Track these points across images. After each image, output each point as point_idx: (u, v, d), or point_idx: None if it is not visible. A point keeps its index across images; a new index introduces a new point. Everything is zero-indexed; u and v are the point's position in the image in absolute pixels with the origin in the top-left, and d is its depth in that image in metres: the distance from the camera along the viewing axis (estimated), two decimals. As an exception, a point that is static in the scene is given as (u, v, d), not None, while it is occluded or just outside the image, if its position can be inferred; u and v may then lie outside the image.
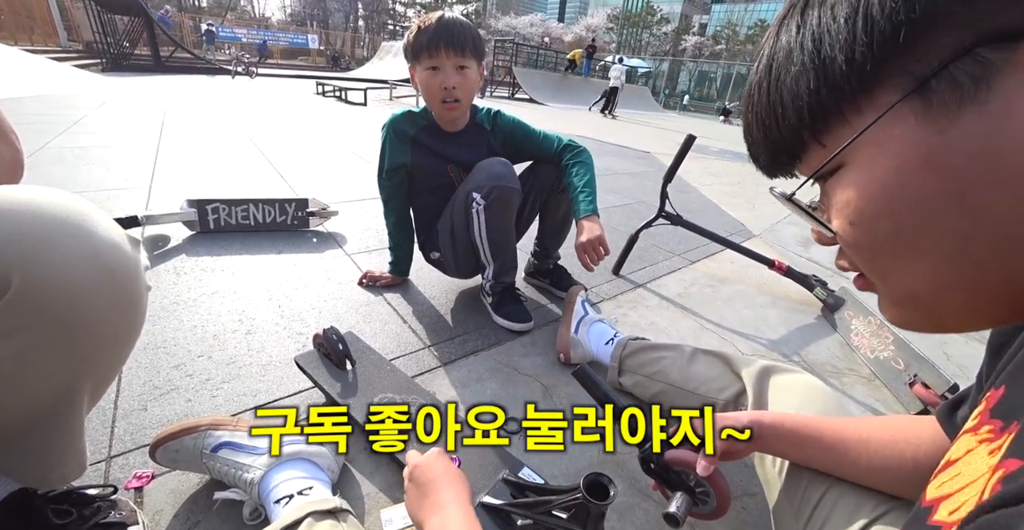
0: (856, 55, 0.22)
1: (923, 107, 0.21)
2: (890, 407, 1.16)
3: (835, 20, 0.23)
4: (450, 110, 1.13)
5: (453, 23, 1.06)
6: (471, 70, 1.10)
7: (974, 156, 0.21)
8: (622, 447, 0.89)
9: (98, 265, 0.45)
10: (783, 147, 0.28)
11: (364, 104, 7.61)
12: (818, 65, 0.24)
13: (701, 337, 1.37)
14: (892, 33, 0.21)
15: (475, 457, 0.77)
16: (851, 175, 0.25)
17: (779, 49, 0.26)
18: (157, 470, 0.73)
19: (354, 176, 2.79)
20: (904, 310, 0.28)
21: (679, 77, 36.60)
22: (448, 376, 1.06)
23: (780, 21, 0.27)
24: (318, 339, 0.95)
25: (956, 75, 0.20)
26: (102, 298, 0.46)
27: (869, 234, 0.26)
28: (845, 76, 0.23)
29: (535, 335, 1.26)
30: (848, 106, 0.24)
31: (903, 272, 0.26)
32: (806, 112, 0.25)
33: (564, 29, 58.02)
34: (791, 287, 1.72)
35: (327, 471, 0.71)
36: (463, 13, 20.72)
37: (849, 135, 0.24)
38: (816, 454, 0.56)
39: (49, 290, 0.42)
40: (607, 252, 1.15)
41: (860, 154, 0.24)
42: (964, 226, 0.22)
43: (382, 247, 1.71)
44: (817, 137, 0.26)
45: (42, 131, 3.18)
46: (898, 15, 0.21)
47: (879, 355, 1.31)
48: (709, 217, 2.76)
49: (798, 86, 0.25)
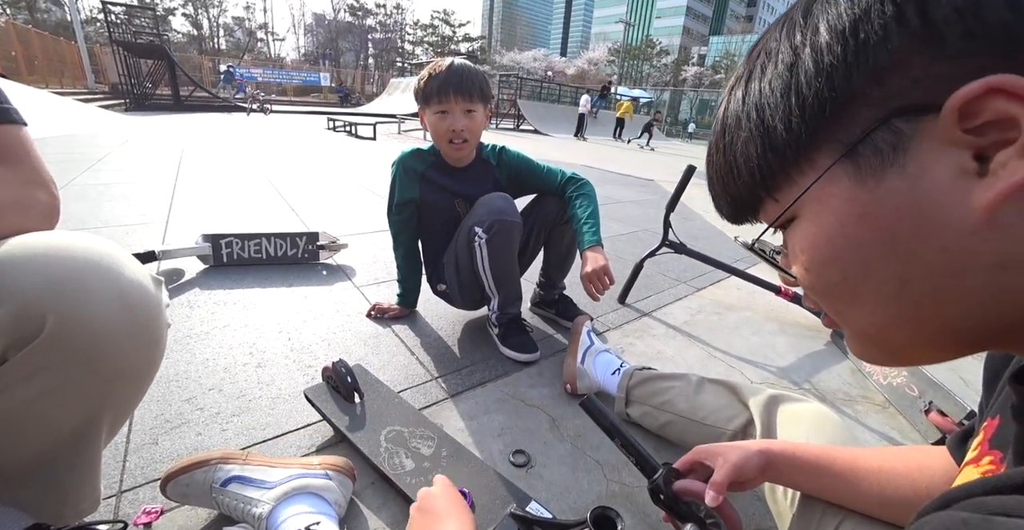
0: (793, 125, 0.25)
1: (854, 169, 0.24)
2: (907, 436, 1.13)
3: (772, 93, 0.26)
4: (457, 150, 1.19)
5: (462, 70, 1.12)
6: (478, 113, 1.16)
7: (900, 209, 0.23)
8: (631, 479, 0.88)
9: (123, 305, 0.47)
10: (742, 201, 0.31)
11: (373, 138, 7.85)
12: (763, 132, 0.27)
13: (709, 365, 1.36)
14: (819, 108, 0.24)
15: (483, 491, 0.77)
16: (803, 226, 0.28)
17: (729, 115, 0.29)
18: (166, 505, 0.73)
19: (363, 209, 2.86)
20: (862, 345, 0.30)
21: (680, 106, 37.44)
22: (456, 408, 1.06)
23: (730, 90, 0.30)
24: (327, 372, 0.96)
25: (877, 142, 0.23)
26: (126, 336, 0.48)
27: (821, 279, 0.28)
28: (786, 142, 0.26)
29: (542, 366, 1.26)
30: (792, 168, 0.27)
31: (853, 312, 0.28)
32: (757, 172, 0.28)
33: (567, 63, 60.12)
34: (799, 313, 1.71)
35: (334, 506, 0.71)
36: (469, 49, 21.54)
37: (796, 192, 0.27)
38: (828, 484, 0.55)
39: (79, 331, 0.44)
40: (612, 282, 1.17)
41: (807, 209, 0.27)
42: (900, 271, 0.24)
43: (390, 279, 1.74)
44: (770, 194, 0.29)
45: (67, 169, 3.32)
46: (822, 93, 0.24)
47: (892, 381, 1.29)
48: (713, 244, 2.77)
49: (748, 150, 0.28)
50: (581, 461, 0.92)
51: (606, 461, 0.93)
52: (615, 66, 53.18)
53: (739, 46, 61.11)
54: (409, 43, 52.04)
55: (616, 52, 55.76)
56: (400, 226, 1.33)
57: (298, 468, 0.74)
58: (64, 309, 0.43)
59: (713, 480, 0.56)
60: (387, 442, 0.85)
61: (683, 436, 0.91)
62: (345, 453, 0.85)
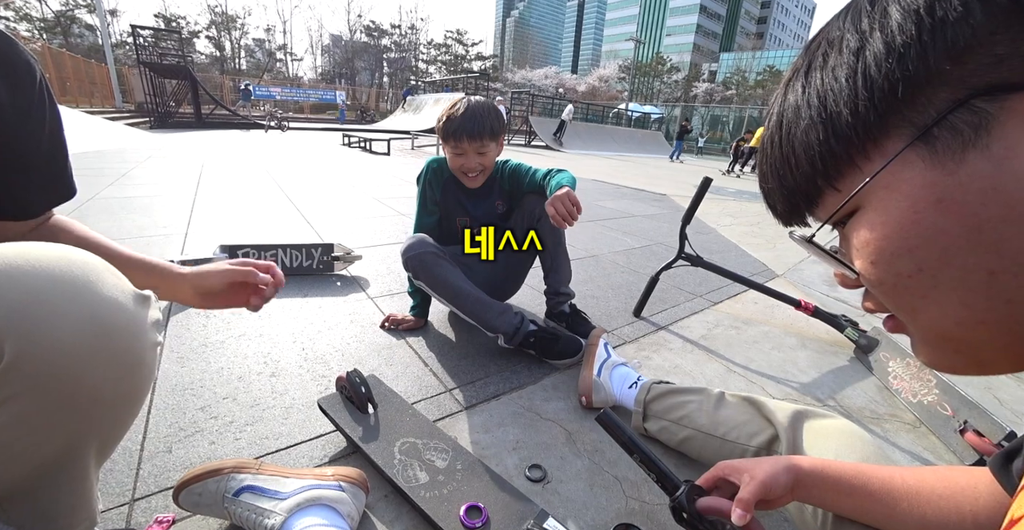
0: (860, 109, 0.24)
1: (929, 152, 0.23)
2: (941, 456, 1.08)
3: (836, 80, 0.25)
4: (471, 181, 1.33)
5: (474, 115, 1.22)
6: (490, 149, 1.28)
7: (985, 192, 0.22)
8: (651, 497, 0.85)
9: (96, 327, 0.42)
10: (798, 194, 0.30)
11: (387, 154, 7.99)
12: (825, 118, 0.26)
13: (728, 380, 1.33)
14: (890, 89, 0.23)
15: (499, 506, 0.75)
16: (867, 217, 0.27)
17: (787, 107, 0.28)
18: (178, 514, 0.72)
19: (377, 222, 2.89)
20: (938, 351, 0.28)
21: (692, 121, 37.60)
22: (469, 420, 1.04)
23: (786, 83, 0.29)
24: (341, 382, 0.96)
25: (956, 124, 0.22)
26: (101, 361, 0.43)
27: (891, 272, 0.26)
28: (851, 127, 0.25)
29: (556, 379, 1.23)
30: (857, 154, 0.25)
31: (931, 309, 0.26)
32: (818, 161, 0.27)
33: (577, 80, 60.98)
34: (820, 328, 1.67)
35: (347, 518, 0.70)
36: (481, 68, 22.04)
37: (861, 180, 0.26)
38: (861, 505, 0.52)
39: (45, 358, 0.40)
40: (578, 208, 1.10)
41: (874, 197, 0.26)
42: (987, 261, 0.23)
43: (403, 291, 1.74)
44: (831, 183, 0.28)
45: (94, 183, 3.43)
46: (894, 74, 0.23)
47: (923, 399, 1.24)
48: (729, 258, 2.74)
49: (808, 138, 0.27)
50: (599, 477, 0.90)
51: (625, 477, 0.90)
52: (625, 83, 53.75)
53: (749, 62, 61.45)
54: (423, 62, 53.34)
55: (627, 69, 56.47)
56: (428, 228, 1.38)
57: (311, 479, 0.72)
58: (25, 334, 0.38)
59: (739, 497, 0.53)
60: (401, 454, 0.84)
61: (703, 452, 0.88)
62: (358, 464, 0.84)
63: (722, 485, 0.60)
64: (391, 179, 4.87)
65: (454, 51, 53.55)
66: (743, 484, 0.54)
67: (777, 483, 0.53)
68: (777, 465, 0.55)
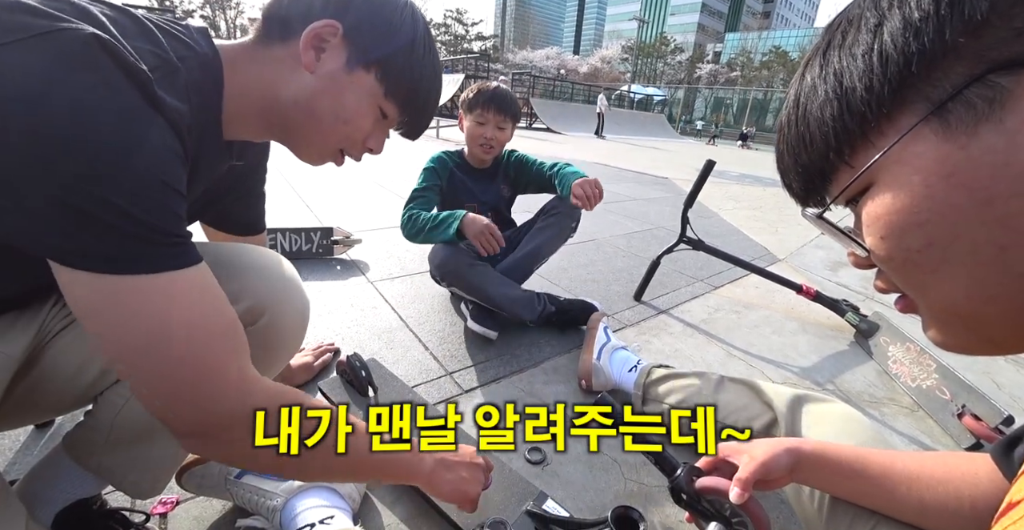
0: (874, 84, 0.24)
1: (942, 127, 0.23)
2: (937, 440, 1.09)
3: (853, 57, 0.25)
4: (485, 152, 1.42)
5: (504, 94, 1.39)
6: (507, 129, 1.41)
7: (997, 167, 0.22)
8: (649, 479, 0.86)
9: (303, 318, 0.69)
10: (813, 170, 0.30)
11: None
12: (840, 94, 0.26)
13: (728, 364, 1.33)
14: (905, 64, 0.23)
15: (498, 487, 0.75)
16: (879, 192, 0.27)
17: (804, 86, 0.29)
18: (182, 496, 0.73)
19: (377, 205, 2.87)
20: (949, 328, 0.28)
21: (695, 104, 36.99)
22: (470, 403, 1.04)
23: (805, 64, 0.29)
24: (341, 366, 0.96)
25: (970, 98, 0.22)
26: (297, 340, 0.71)
27: (901, 246, 0.26)
28: (866, 102, 0.25)
29: (556, 362, 1.24)
30: (871, 130, 0.25)
31: (941, 284, 0.26)
32: (832, 137, 0.27)
33: (579, 61, 59.90)
34: (821, 312, 1.67)
35: (348, 500, 0.71)
36: (481, 48, 21.76)
37: (874, 155, 0.26)
38: (862, 488, 0.52)
39: (278, 328, 0.64)
40: (601, 194, 1.26)
41: (886, 172, 0.26)
42: (998, 236, 0.23)
43: (404, 274, 1.74)
44: (844, 159, 0.28)
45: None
46: (910, 48, 0.23)
47: (921, 384, 1.25)
48: (731, 241, 2.72)
49: (823, 114, 0.27)
50: (598, 459, 0.90)
51: (624, 460, 0.91)
52: (628, 64, 52.79)
53: (755, 43, 60.22)
54: (423, 43, 52.24)
55: (629, 50, 55.40)
56: (425, 200, 1.37)
57: (312, 461, 0.73)
58: (275, 311, 0.63)
59: (738, 476, 0.53)
60: (401, 437, 0.84)
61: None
62: (359, 447, 0.84)
63: (722, 466, 0.60)
64: (391, 162, 4.82)
65: (454, 31, 52.48)
66: (742, 464, 0.54)
67: (778, 464, 0.53)
68: (778, 446, 0.54)
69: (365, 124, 0.58)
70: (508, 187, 1.54)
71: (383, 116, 0.59)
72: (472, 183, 1.48)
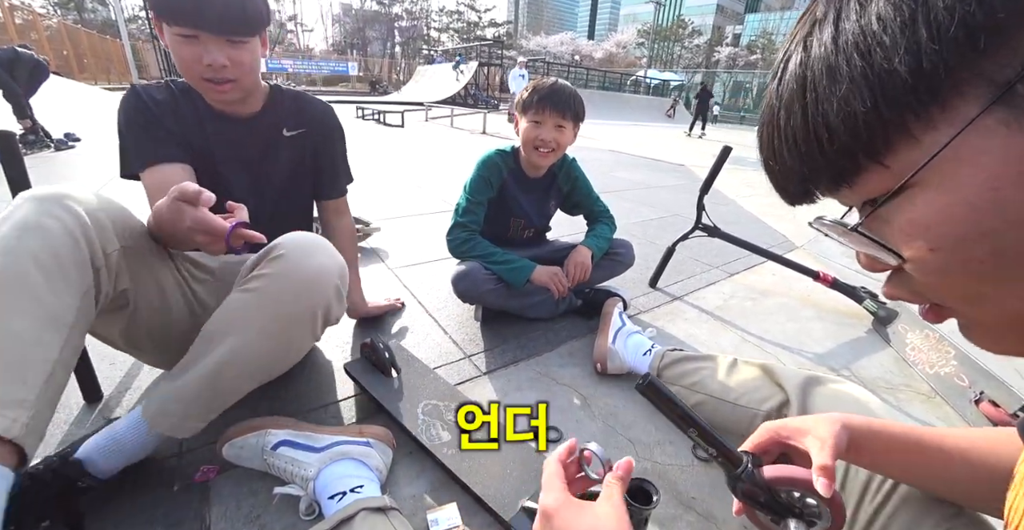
0: (925, 65, 0.20)
1: (1012, 116, 0.19)
2: (953, 424, 1.09)
3: (886, 29, 0.20)
4: (542, 157, 1.26)
5: (562, 90, 1.23)
6: (567, 129, 1.25)
7: None
8: (663, 458, 0.89)
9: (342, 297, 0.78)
10: (829, 173, 0.25)
11: (402, 126, 7.92)
12: (872, 80, 0.21)
13: (743, 350, 1.34)
14: (967, 39, 0.19)
15: (517, 465, 0.79)
16: (924, 196, 0.23)
17: (812, 67, 0.23)
18: (222, 466, 0.78)
19: (395, 194, 2.91)
20: (999, 335, 0.26)
21: (713, 89, 36.09)
22: (489, 384, 1.08)
23: (804, 37, 0.25)
24: (365, 348, 1.00)
25: None
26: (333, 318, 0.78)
27: (959, 257, 0.23)
28: (912, 89, 0.20)
29: (572, 346, 1.27)
30: (915, 122, 0.21)
31: (1006, 296, 0.23)
32: (864, 131, 0.22)
33: (594, 46, 58.70)
34: (838, 300, 1.66)
35: (376, 471, 0.75)
36: (495, 35, 21.32)
37: (919, 154, 0.22)
38: (917, 465, 0.48)
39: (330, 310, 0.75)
40: (584, 277, 1.30)
41: (936, 173, 0.22)
42: None
43: (422, 261, 1.78)
44: (877, 158, 0.23)
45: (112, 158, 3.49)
46: (974, 18, 0.18)
47: (939, 371, 1.24)
48: (748, 229, 2.70)
49: (849, 105, 0.22)
50: (613, 439, 0.94)
51: (638, 440, 0.94)
52: (644, 48, 51.57)
53: (777, 24, 58.19)
54: (435, 30, 51.85)
55: (646, 34, 54.05)
56: (471, 217, 1.29)
57: (342, 435, 0.78)
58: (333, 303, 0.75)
59: (822, 464, 0.45)
60: (424, 415, 0.89)
61: (714, 417, 0.90)
62: (384, 424, 0.88)
63: (772, 449, 0.53)
64: (406, 152, 4.85)
65: (466, 18, 51.82)
66: (816, 449, 0.47)
67: (842, 442, 0.47)
68: (835, 424, 0.48)
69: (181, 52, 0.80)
70: (556, 203, 1.46)
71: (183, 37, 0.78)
72: (524, 197, 1.36)
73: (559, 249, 1.46)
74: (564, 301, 1.37)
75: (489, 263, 1.25)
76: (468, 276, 1.23)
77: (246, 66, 0.84)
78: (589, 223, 1.48)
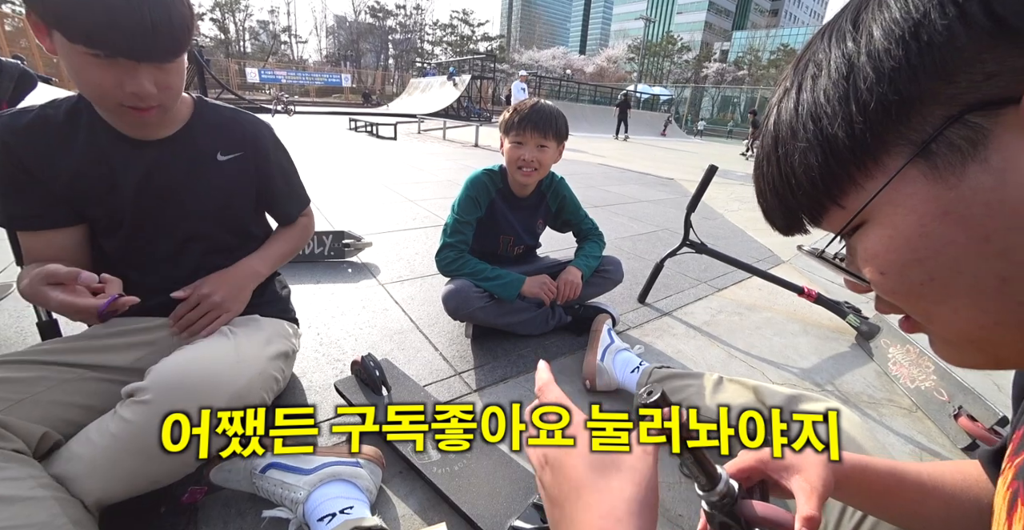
0: (855, 131, 0.25)
1: (930, 167, 0.23)
2: (934, 440, 1.12)
3: (828, 102, 0.25)
4: (525, 176, 1.29)
5: (543, 110, 1.26)
6: (549, 148, 1.28)
7: (989, 204, 0.22)
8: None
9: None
10: (802, 211, 0.30)
11: (394, 138, 7.96)
12: (822, 140, 0.26)
13: (730, 365, 1.36)
14: (883, 111, 0.23)
15: (506, 482, 0.80)
16: (874, 231, 0.27)
17: (782, 126, 0.29)
18: (211, 487, 0.78)
19: (386, 209, 2.92)
20: (958, 349, 0.29)
21: (702, 103, 36.75)
22: (480, 402, 1.09)
23: (778, 101, 0.30)
24: (356, 366, 1.00)
25: (952, 139, 0.22)
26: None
27: (903, 282, 0.27)
28: (849, 149, 0.25)
29: (562, 363, 1.28)
30: (858, 172, 0.26)
31: (948, 314, 0.27)
32: (820, 181, 0.27)
33: (586, 61, 59.75)
34: (822, 314, 1.69)
35: (365, 492, 0.75)
36: (488, 48, 21.59)
37: (864, 197, 0.26)
38: (896, 503, 0.48)
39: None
40: (574, 296, 1.33)
41: (879, 212, 0.26)
42: (998, 268, 0.23)
43: (413, 277, 1.79)
44: (835, 201, 0.28)
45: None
46: (886, 97, 0.23)
47: (920, 385, 1.27)
48: (735, 243, 2.75)
49: (808, 160, 0.27)
50: (601, 456, 0.94)
51: (626, 457, 0.94)
52: (635, 63, 52.58)
53: (763, 41, 59.75)
54: (428, 43, 52.47)
55: (636, 49, 55.13)
56: (460, 237, 1.32)
57: (332, 456, 0.78)
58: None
59: (809, 515, 0.41)
60: (414, 434, 0.89)
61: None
62: (374, 443, 0.89)
63: (753, 475, 0.50)
64: (399, 165, 4.87)
65: (460, 32, 52.54)
66: (803, 493, 0.44)
67: (829, 490, 0.45)
68: (825, 468, 0.46)
69: (90, 76, 0.63)
70: (545, 221, 1.49)
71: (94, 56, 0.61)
72: (512, 215, 1.40)
73: (549, 265, 1.48)
74: (554, 318, 1.39)
75: (479, 280, 1.27)
76: (459, 294, 1.24)
77: (175, 90, 0.72)
78: (578, 240, 1.51)
